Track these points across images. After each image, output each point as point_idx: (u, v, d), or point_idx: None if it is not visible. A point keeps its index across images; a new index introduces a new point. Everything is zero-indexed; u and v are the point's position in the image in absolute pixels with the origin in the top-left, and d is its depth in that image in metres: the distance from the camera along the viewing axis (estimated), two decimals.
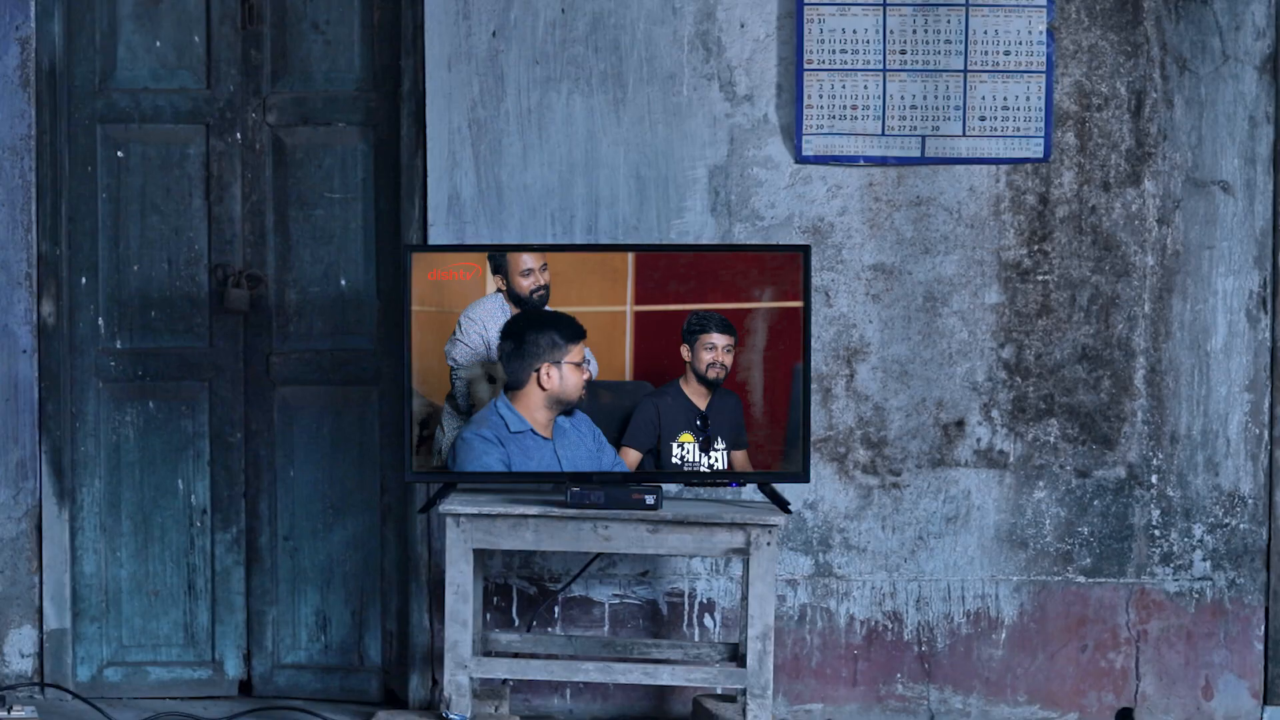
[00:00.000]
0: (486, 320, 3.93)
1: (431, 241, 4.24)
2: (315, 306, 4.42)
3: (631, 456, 3.94)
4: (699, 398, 3.95)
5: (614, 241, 4.23)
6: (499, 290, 3.93)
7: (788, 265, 3.91)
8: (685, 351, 3.94)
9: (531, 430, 3.90)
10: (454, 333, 3.94)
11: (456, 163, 4.23)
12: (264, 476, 4.46)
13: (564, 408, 3.90)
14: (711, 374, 3.91)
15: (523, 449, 3.89)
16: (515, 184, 4.23)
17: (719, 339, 3.90)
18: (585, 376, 3.89)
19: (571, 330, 3.90)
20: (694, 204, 4.28)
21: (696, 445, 3.91)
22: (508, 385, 3.89)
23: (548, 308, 3.95)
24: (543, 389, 3.85)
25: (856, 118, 4.21)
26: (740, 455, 3.93)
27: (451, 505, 3.86)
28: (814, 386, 4.26)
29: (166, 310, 4.42)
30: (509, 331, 3.90)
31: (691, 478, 3.96)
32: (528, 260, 3.90)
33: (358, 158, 4.39)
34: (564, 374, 3.90)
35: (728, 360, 3.89)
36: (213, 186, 4.41)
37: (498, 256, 3.92)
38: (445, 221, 4.26)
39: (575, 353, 3.90)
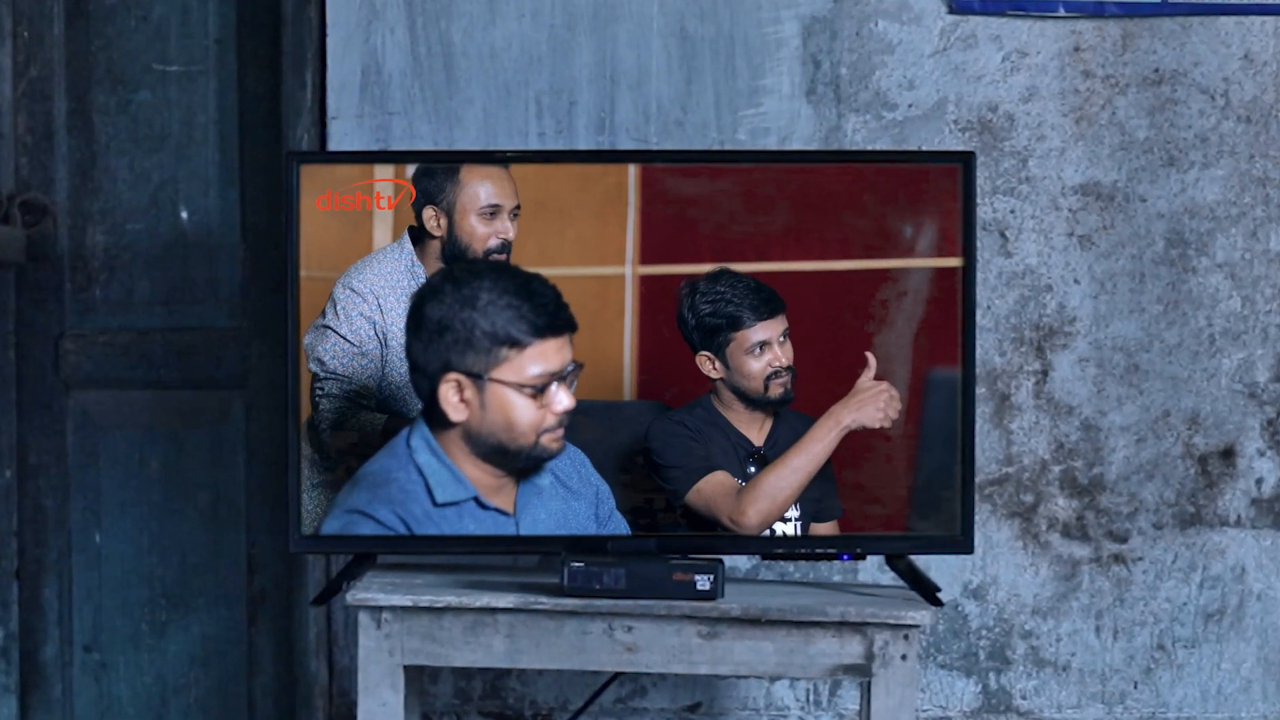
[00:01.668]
0: (384, 293, 3.47)
1: (334, 146, 3.95)
2: (138, 256, 4.15)
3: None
4: (749, 425, 3.53)
5: (644, 146, 3.92)
6: (424, 236, 3.46)
7: (936, 186, 3.57)
8: (708, 362, 3.54)
9: (477, 500, 3.35)
10: (323, 314, 3.46)
11: (376, 12, 3.96)
12: (51, 544, 4.19)
13: (520, 461, 3.32)
14: (776, 388, 3.51)
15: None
16: (476, 48, 3.95)
17: (769, 328, 3.49)
18: (562, 409, 3.31)
19: (544, 312, 3.28)
20: (778, 82, 3.97)
21: None
22: (426, 409, 3.33)
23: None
24: (449, 422, 3.28)
25: None
26: (828, 530, 3.61)
27: (369, 592, 3.46)
28: (980, 391, 3.96)
29: None
30: (425, 295, 3.32)
31: (774, 546, 3.57)
32: (490, 191, 3.47)
33: (209, 3, 4.17)
34: (491, 400, 3.28)
35: (788, 355, 3.50)
36: None
37: (435, 176, 3.49)
38: (357, 112, 3.97)
39: (537, 356, 3.28)
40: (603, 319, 3.61)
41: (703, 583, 3.45)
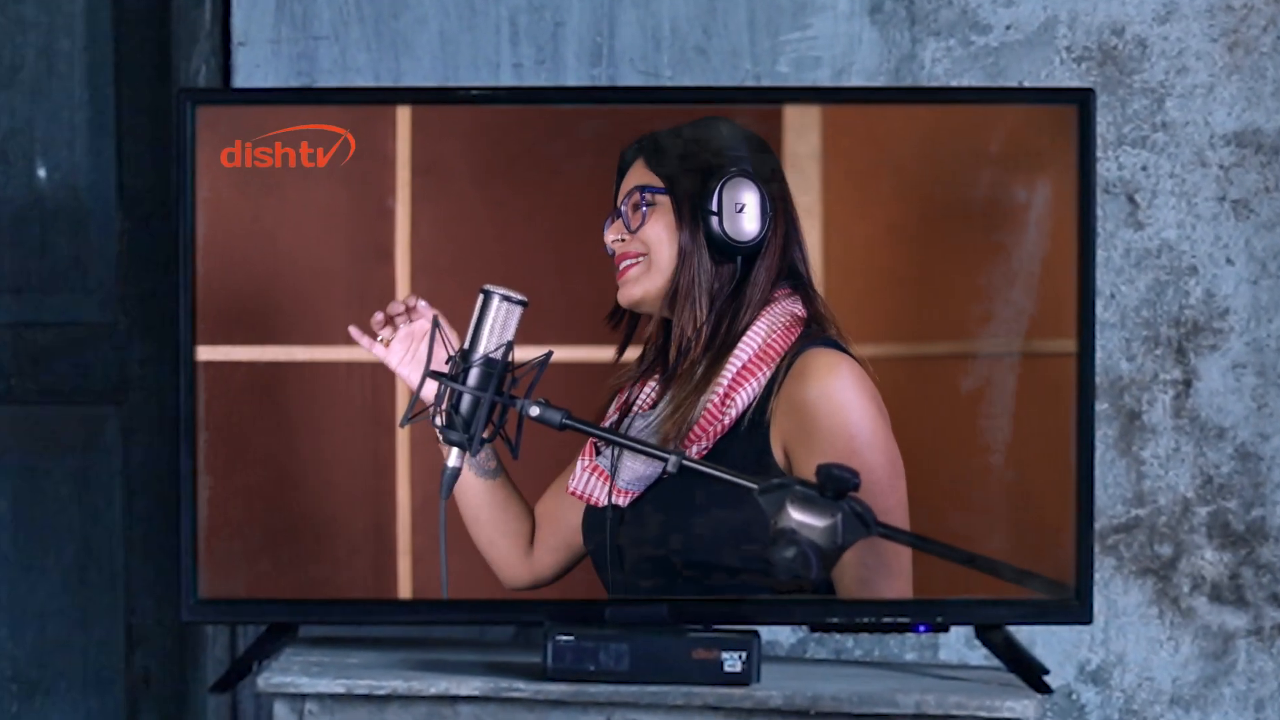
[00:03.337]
0: None
1: (242, 82, 3.72)
2: None
3: None
4: None
5: (654, 82, 3.68)
6: None
7: (1042, 135, 3.34)
8: None
9: None
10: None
11: None
12: None
13: None
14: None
15: None
16: None
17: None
18: None
19: None
20: None
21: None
22: None
23: None
24: None
25: None
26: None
27: (288, 675, 3.27)
28: (1102, 407, 3.70)
29: None
30: None
31: (827, 614, 3.31)
32: None
33: None
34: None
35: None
36: None
37: None
38: (273, 36, 3.75)
39: None
40: None
41: (732, 662, 3.20)
